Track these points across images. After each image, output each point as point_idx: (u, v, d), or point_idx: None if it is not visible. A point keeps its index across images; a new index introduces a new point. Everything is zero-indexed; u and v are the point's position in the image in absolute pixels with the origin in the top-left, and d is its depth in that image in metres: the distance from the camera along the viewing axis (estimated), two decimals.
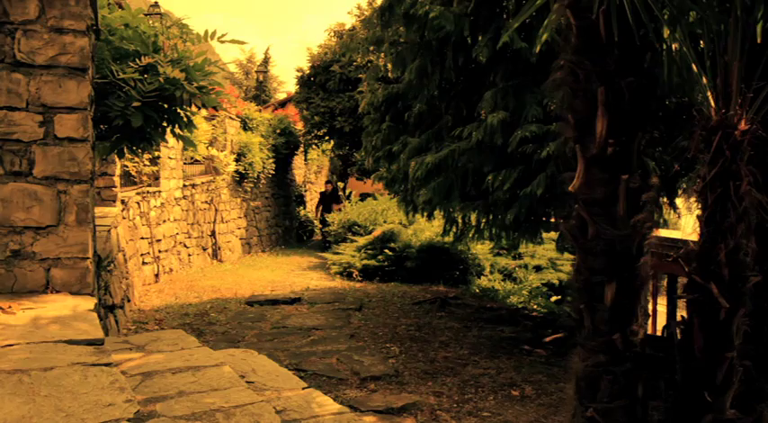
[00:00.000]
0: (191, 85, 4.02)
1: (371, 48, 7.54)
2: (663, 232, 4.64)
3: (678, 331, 2.71)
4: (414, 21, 5.90)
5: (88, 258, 3.07)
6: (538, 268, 9.75)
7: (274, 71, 36.97)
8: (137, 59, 3.83)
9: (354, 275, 9.49)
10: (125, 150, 4.43)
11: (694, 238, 2.58)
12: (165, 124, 4.27)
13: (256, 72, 33.02)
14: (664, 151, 4.80)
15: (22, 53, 3.03)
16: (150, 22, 4.56)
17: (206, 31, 4.30)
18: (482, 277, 9.68)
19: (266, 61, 35.09)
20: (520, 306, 8.11)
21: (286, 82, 40.85)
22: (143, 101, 3.83)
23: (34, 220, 3.01)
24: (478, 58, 5.40)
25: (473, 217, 6.74)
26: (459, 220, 7.08)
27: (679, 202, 5.04)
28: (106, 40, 3.91)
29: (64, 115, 3.09)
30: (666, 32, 2.71)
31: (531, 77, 5.27)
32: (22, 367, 1.95)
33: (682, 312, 4.33)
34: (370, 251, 9.85)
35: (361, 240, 10.30)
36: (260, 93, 31.04)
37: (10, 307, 2.60)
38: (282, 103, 24.09)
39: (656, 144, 4.67)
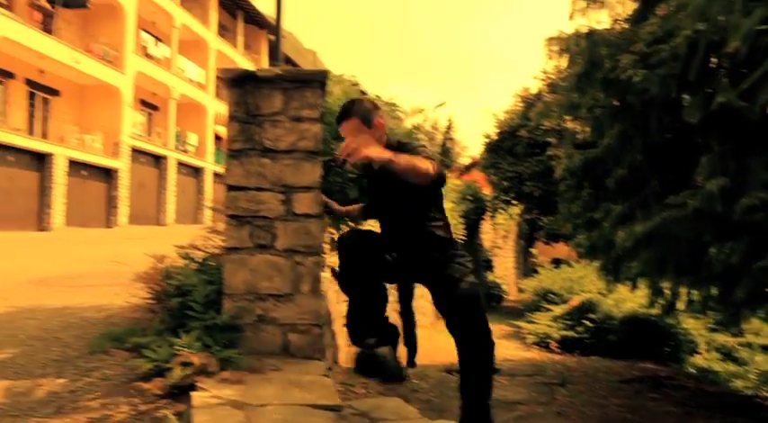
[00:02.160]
0: None
1: (566, 115, 7.52)
2: None
3: None
4: (613, 85, 5.79)
5: (320, 325, 3.36)
6: (765, 348, 8.61)
7: (456, 135, 38.12)
8: None
9: (552, 346, 9.12)
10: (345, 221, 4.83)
11: None
12: None
13: (443, 138, 34.33)
14: None
15: (269, 140, 3.50)
16: None
17: (412, 108, 4.68)
18: (696, 355, 8.77)
19: (449, 127, 36.36)
20: (749, 393, 7.16)
21: (468, 146, 41.79)
22: (357, 174, 4.20)
23: (275, 288, 3.38)
24: (688, 120, 5.11)
25: (683, 289, 6.22)
26: (668, 292, 6.56)
27: None
28: (327, 122, 4.38)
29: (301, 194, 3.47)
30: None
31: (753, 139, 4.85)
32: None
33: None
34: (567, 321, 9.45)
35: (558, 309, 9.94)
36: (444, 158, 32.08)
37: (259, 368, 2.92)
38: (468, 168, 24.59)
39: None
